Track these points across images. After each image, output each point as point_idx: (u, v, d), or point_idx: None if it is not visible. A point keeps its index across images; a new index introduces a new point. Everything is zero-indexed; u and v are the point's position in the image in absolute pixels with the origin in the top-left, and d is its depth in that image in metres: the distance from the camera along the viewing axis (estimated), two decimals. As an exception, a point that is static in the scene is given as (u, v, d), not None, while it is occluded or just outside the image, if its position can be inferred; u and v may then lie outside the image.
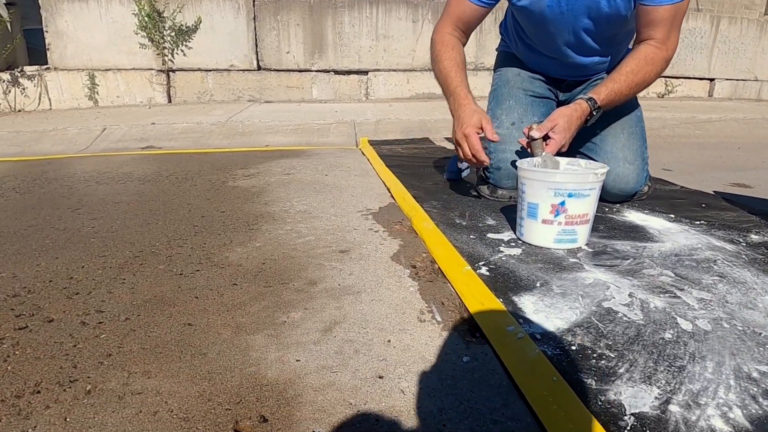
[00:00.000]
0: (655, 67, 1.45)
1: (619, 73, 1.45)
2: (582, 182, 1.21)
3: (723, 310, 0.95)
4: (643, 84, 1.46)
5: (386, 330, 0.91)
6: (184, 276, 1.14)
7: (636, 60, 1.44)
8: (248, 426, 0.65)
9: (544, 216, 1.25)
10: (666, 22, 1.41)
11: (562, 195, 1.21)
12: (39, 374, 0.78)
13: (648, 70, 1.44)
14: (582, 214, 1.24)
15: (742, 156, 3.03)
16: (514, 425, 0.66)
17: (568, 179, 1.21)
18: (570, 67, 1.71)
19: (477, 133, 1.47)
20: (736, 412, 0.67)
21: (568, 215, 1.23)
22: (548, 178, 1.23)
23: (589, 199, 1.23)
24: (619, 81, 1.44)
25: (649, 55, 1.44)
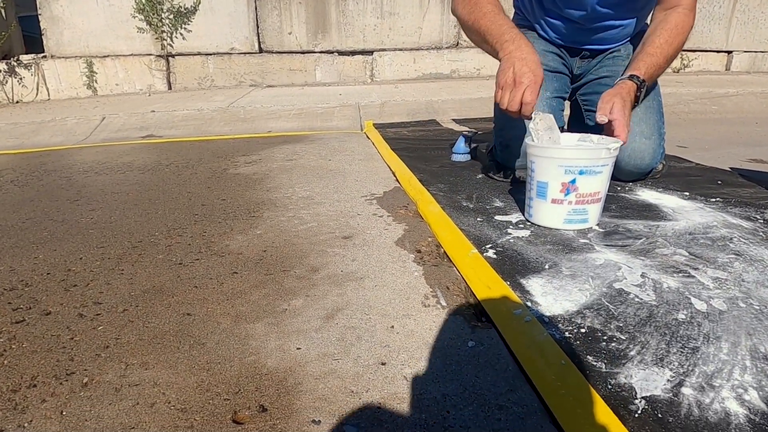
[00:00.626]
0: (684, 36, 1.40)
1: (653, 45, 1.38)
2: (594, 158, 1.15)
3: (739, 289, 0.91)
4: (676, 54, 1.41)
5: (389, 316, 0.89)
6: (183, 265, 1.12)
7: (668, 30, 1.38)
8: (247, 416, 0.63)
9: (554, 195, 1.20)
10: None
11: (573, 173, 1.16)
12: (35, 368, 0.76)
13: (680, 40, 1.39)
14: (593, 192, 1.19)
15: (760, 131, 2.96)
16: (519, 410, 0.63)
17: (580, 155, 1.16)
18: (589, 30, 1.62)
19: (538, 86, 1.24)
20: (752, 394, 0.64)
21: (579, 194, 1.18)
22: (558, 155, 1.17)
23: (601, 177, 1.18)
24: (655, 54, 1.37)
25: (680, 23, 1.39)
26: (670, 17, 1.39)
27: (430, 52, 5.26)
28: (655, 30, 1.41)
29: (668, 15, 1.40)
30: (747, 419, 0.60)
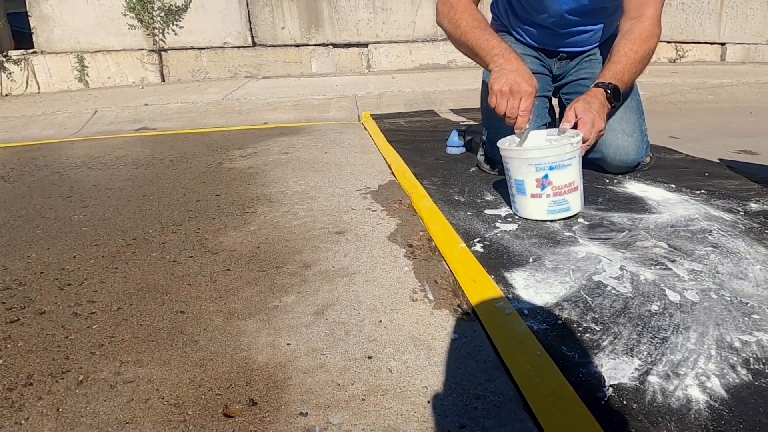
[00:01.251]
0: (650, 43, 1.43)
1: (618, 54, 1.43)
2: (560, 154, 1.22)
3: (713, 281, 0.94)
4: (644, 59, 1.43)
5: (378, 310, 0.92)
6: (177, 263, 1.15)
7: (632, 40, 1.42)
8: (237, 410, 0.66)
9: (532, 191, 1.25)
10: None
11: (544, 169, 1.22)
12: (31, 366, 0.79)
13: (646, 47, 1.43)
14: (568, 183, 1.24)
15: (753, 121, 2.98)
16: (496, 399, 0.67)
17: (547, 153, 1.22)
18: (562, 35, 1.68)
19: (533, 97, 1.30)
20: (714, 382, 0.67)
21: (554, 186, 1.24)
22: (526, 155, 1.24)
23: (571, 168, 1.24)
24: (620, 62, 1.41)
25: (643, 32, 1.42)
26: (634, 27, 1.43)
27: (426, 43, 5.27)
28: (620, 40, 1.45)
29: (633, 25, 1.43)
30: (707, 405, 0.64)
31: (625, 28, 1.47)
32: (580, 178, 1.29)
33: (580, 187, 1.29)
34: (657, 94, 3.76)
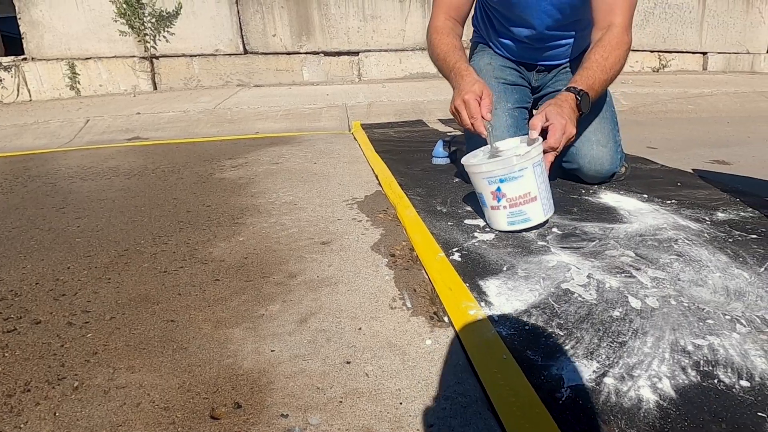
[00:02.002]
0: (620, 50, 1.45)
1: (588, 61, 1.45)
2: (507, 167, 1.23)
3: (673, 288, 1.01)
4: (616, 66, 1.46)
5: (358, 318, 0.98)
6: (168, 273, 1.20)
7: (602, 47, 1.45)
8: (223, 412, 0.71)
9: (490, 203, 1.30)
10: (622, 5, 1.45)
11: (495, 182, 1.26)
12: (28, 374, 0.84)
13: (617, 54, 1.45)
14: (523, 194, 1.26)
15: (730, 131, 3.07)
16: (463, 400, 0.72)
17: (493, 167, 1.25)
18: (539, 49, 1.76)
19: (477, 101, 1.39)
20: (665, 383, 0.73)
21: (509, 198, 1.26)
22: (477, 170, 1.28)
23: (523, 180, 1.24)
24: (591, 68, 1.44)
25: (613, 40, 1.45)
26: (604, 37, 1.46)
27: (415, 52, 5.35)
28: (591, 49, 1.48)
29: (603, 35, 1.47)
30: (656, 404, 0.69)
31: (595, 37, 1.50)
32: (543, 188, 1.28)
33: (541, 196, 1.28)
34: (639, 104, 3.85)
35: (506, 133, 1.74)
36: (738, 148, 2.56)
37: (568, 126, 1.30)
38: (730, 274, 1.07)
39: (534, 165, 1.24)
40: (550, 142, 1.28)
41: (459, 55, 1.54)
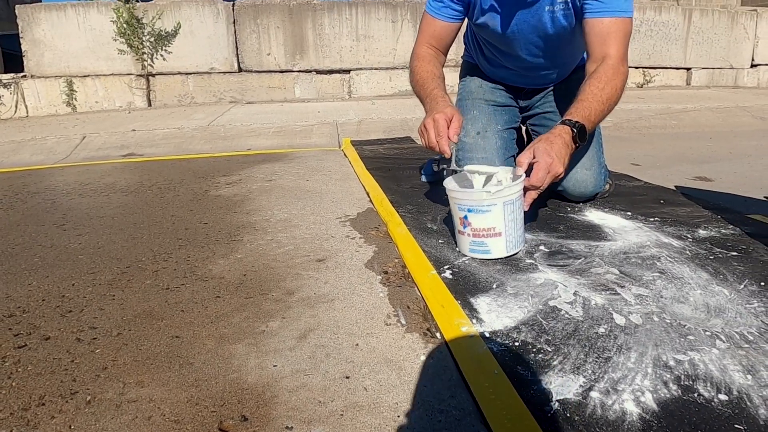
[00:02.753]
0: (616, 82, 1.44)
1: (584, 93, 1.44)
2: (477, 200, 1.27)
3: (656, 305, 1.06)
4: (613, 98, 1.44)
5: (355, 334, 1.02)
6: (170, 290, 1.24)
7: (597, 79, 1.44)
8: (231, 425, 0.75)
9: (458, 227, 1.35)
10: (616, 36, 1.46)
11: (464, 210, 1.30)
12: (42, 388, 0.87)
13: (613, 85, 1.44)
14: (487, 228, 1.28)
15: (712, 146, 3.16)
16: (457, 413, 0.77)
17: (464, 196, 1.30)
18: (527, 76, 1.82)
19: (446, 121, 1.41)
20: (647, 396, 0.78)
21: (473, 228, 1.30)
22: (451, 194, 1.33)
23: (490, 215, 1.27)
24: (586, 100, 1.42)
25: (608, 72, 1.44)
26: (599, 69, 1.45)
27: (405, 70, 5.43)
28: (586, 81, 1.47)
29: (598, 67, 1.46)
30: (639, 417, 0.74)
31: (590, 69, 1.50)
32: (512, 225, 1.29)
33: (507, 233, 1.29)
34: (623, 120, 3.95)
35: (496, 155, 1.80)
36: (720, 164, 2.65)
37: (554, 165, 1.28)
38: (710, 291, 1.12)
39: (505, 203, 1.26)
40: (532, 181, 1.27)
41: (437, 83, 1.58)
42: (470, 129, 1.84)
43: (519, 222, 1.32)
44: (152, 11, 4.84)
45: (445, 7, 1.65)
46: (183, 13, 4.92)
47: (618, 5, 1.47)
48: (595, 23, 1.48)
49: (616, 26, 1.48)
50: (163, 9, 4.86)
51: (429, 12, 1.69)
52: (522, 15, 1.57)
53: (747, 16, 6.15)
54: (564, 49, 1.71)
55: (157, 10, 4.84)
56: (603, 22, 1.48)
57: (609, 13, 1.46)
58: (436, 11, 1.67)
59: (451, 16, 1.67)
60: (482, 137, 1.81)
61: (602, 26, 1.48)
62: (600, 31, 1.48)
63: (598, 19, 1.48)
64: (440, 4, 1.65)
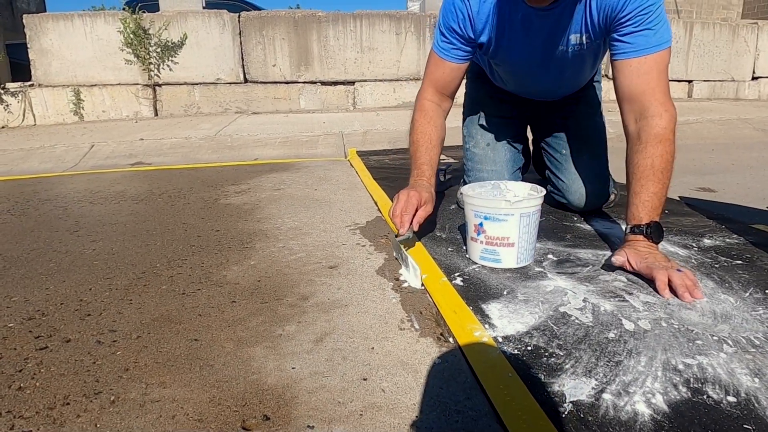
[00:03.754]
0: (666, 145, 1.27)
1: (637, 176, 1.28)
2: (495, 207, 1.30)
3: (664, 311, 1.08)
4: (669, 163, 1.29)
5: (370, 338, 1.04)
6: (186, 295, 1.26)
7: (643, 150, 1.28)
8: (254, 424, 0.77)
9: (471, 234, 1.38)
10: (652, 77, 1.28)
11: (480, 217, 1.33)
12: (66, 388, 0.89)
13: (661, 150, 1.27)
14: (502, 237, 1.31)
15: (714, 158, 3.19)
16: (473, 414, 0.79)
17: (482, 204, 1.32)
18: (537, 94, 1.82)
19: (418, 203, 1.42)
20: (658, 398, 0.80)
21: (488, 236, 1.33)
22: (469, 201, 1.35)
23: (506, 225, 1.29)
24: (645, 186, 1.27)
25: (652, 133, 1.27)
26: (642, 131, 1.29)
27: (409, 82, 5.50)
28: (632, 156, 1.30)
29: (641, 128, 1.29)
30: (651, 418, 0.76)
31: (629, 124, 1.32)
32: (526, 238, 1.31)
33: (520, 245, 1.31)
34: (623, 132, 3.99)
35: (505, 167, 1.83)
36: (722, 175, 2.68)
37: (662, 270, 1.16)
38: (716, 298, 1.14)
39: (522, 214, 1.28)
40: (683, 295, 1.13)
41: (429, 156, 1.57)
42: (480, 140, 1.86)
43: (532, 237, 1.34)
44: (159, 22, 4.90)
45: (455, 49, 1.54)
46: (189, 24, 4.99)
47: (653, 39, 1.28)
48: (625, 66, 1.31)
49: (650, 65, 1.28)
50: (170, 20, 4.92)
51: (437, 53, 1.57)
52: (540, 53, 1.52)
53: (748, 29, 6.22)
54: (581, 76, 1.70)
55: (164, 20, 4.90)
56: (633, 63, 1.30)
57: (642, 51, 1.29)
58: (446, 53, 1.55)
59: (461, 58, 1.55)
60: (492, 149, 1.83)
61: (633, 69, 1.30)
62: (632, 75, 1.30)
63: (627, 61, 1.31)
64: (450, 45, 1.53)
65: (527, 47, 1.51)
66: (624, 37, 1.31)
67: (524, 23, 1.45)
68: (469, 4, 1.45)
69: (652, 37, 1.28)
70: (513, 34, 1.48)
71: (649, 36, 1.28)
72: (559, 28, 1.44)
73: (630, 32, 1.30)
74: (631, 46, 1.30)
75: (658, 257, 1.22)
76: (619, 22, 1.31)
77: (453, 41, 1.52)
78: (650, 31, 1.28)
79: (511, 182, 1.51)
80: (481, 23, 1.48)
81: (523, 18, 1.44)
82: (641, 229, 1.26)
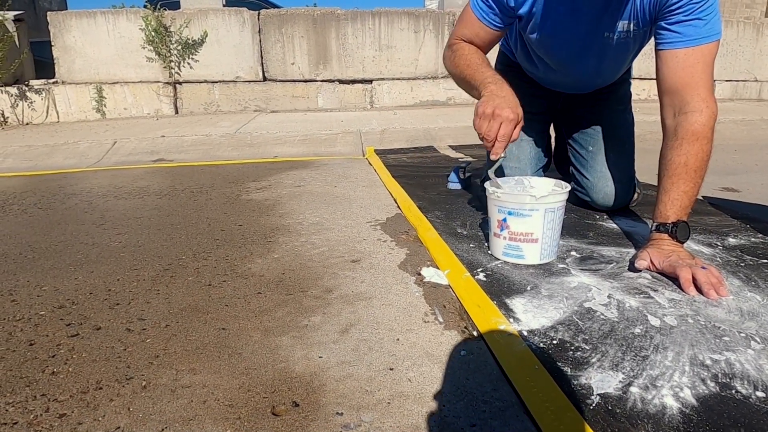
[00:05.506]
0: (703, 143, 1.24)
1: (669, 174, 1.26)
2: (519, 203, 1.28)
3: (690, 308, 1.07)
4: (704, 163, 1.26)
5: (395, 330, 1.05)
6: (212, 287, 1.28)
7: (679, 146, 1.25)
8: (283, 410, 0.79)
9: (494, 230, 1.37)
10: (697, 71, 1.23)
11: (504, 212, 1.32)
12: (98, 374, 0.91)
13: (697, 148, 1.23)
14: (525, 233, 1.30)
15: (737, 158, 3.15)
16: (500, 404, 0.79)
17: (507, 199, 1.30)
18: (571, 86, 1.76)
19: (515, 124, 1.27)
20: (686, 392, 0.80)
21: (511, 231, 1.32)
22: (492, 196, 1.34)
23: (530, 220, 1.28)
24: (677, 183, 1.25)
25: (690, 130, 1.24)
26: (679, 127, 1.26)
27: (426, 81, 5.49)
28: (666, 152, 1.28)
29: (679, 123, 1.26)
30: (679, 411, 0.76)
31: (669, 124, 1.29)
32: (550, 234, 1.31)
33: (543, 241, 1.31)
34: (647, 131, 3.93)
35: (528, 165, 1.82)
36: (746, 175, 2.64)
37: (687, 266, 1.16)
38: (743, 296, 1.13)
39: (546, 210, 1.28)
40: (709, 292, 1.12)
41: (489, 67, 1.42)
42: None
43: (556, 233, 1.34)
44: (180, 19, 4.97)
45: (493, 14, 1.45)
46: (210, 21, 5.04)
47: (702, 30, 1.23)
48: (670, 56, 1.26)
49: (696, 57, 1.23)
50: (191, 17, 4.98)
51: (474, 11, 1.47)
52: (584, 37, 1.45)
53: (772, 28, 6.11)
54: (620, 66, 1.64)
55: (185, 18, 4.97)
56: (679, 54, 1.24)
57: (690, 42, 1.24)
58: (483, 14, 1.45)
59: (496, 25, 1.47)
60: (517, 145, 1.82)
61: (679, 60, 1.25)
62: (676, 67, 1.25)
63: (673, 52, 1.26)
64: (488, 9, 1.44)
65: (571, 29, 1.43)
66: (672, 26, 1.25)
67: (572, 2, 1.37)
68: None
69: (702, 28, 1.22)
70: (558, 12, 1.40)
71: (699, 26, 1.22)
72: (608, 13, 1.36)
73: (679, 21, 1.24)
74: (679, 36, 1.25)
75: (682, 255, 1.21)
76: (668, 10, 1.25)
77: (491, 5, 1.43)
78: (701, 21, 1.22)
79: (534, 178, 1.51)
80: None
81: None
82: (667, 228, 1.25)
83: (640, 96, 5.98)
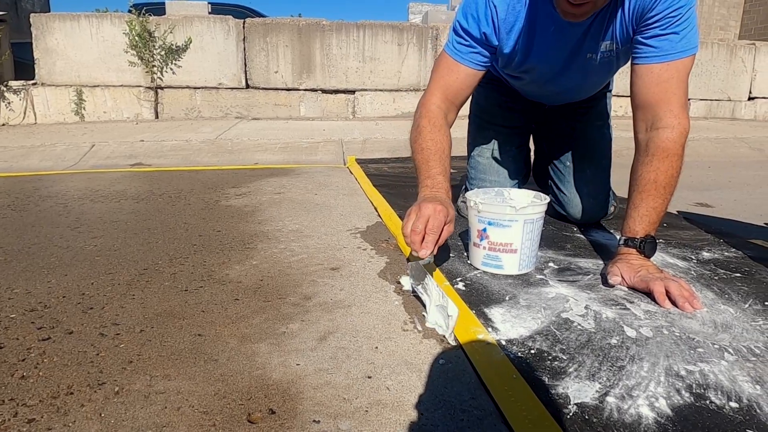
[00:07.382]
0: (673, 160, 1.25)
1: (639, 190, 1.27)
2: (500, 213, 1.30)
3: (665, 320, 1.09)
4: (673, 179, 1.26)
5: (374, 338, 1.04)
6: (189, 292, 1.26)
7: (649, 162, 1.26)
8: (259, 417, 0.77)
9: (474, 239, 1.38)
10: (671, 85, 1.24)
11: (484, 222, 1.33)
12: (69, 378, 0.89)
13: (667, 165, 1.24)
14: (504, 243, 1.31)
15: (711, 175, 3.23)
16: (479, 413, 0.79)
17: (487, 209, 1.32)
18: (552, 98, 1.77)
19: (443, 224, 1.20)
20: (661, 402, 0.81)
21: (491, 241, 1.33)
22: (473, 206, 1.35)
23: (510, 231, 1.29)
24: (643, 203, 1.27)
25: (660, 147, 1.24)
26: (650, 141, 1.26)
27: (409, 93, 5.54)
28: (637, 166, 1.29)
29: (650, 138, 1.27)
30: (654, 420, 0.77)
31: (640, 139, 1.29)
32: (528, 245, 1.32)
33: (522, 251, 1.32)
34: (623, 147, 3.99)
35: (507, 179, 1.84)
36: (719, 191, 2.71)
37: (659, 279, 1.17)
38: (717, 309, 1.16)
39: (526, 221, 1.29)
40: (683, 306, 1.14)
41: (444, 167, 1.37)
42: (485, 149, 1.87)
43: (535, 244, 1.36)
44: (164, 25, 4.93)
45: (473, 53, 1.40)
46: (194, 28, 5.01)
47: (678, 45, 1.23)
48: (645, 71, 1.26)
49: (670, 72, 1.24)
50: (175, 23, 4.95)
51: (451, 54, 1.42)
52: (568, 61, 1.46)
53: (745, 50, 6.31)
54: (604, 80, 1.67)
55: (170, 24, 4.93)
56: (654, 69, 1.25)
57: (665, 57, 1.24)
58: (462, 56, 1.41)
59: (479, 63, 1.42)
60: (497, 159, 1.84)
61: (653, 75, 1.25)
62: (650, 82, 1.26)
63: (648, 66, 1.26)
64: (467, 48, 1.40)
65: (555, 57, 1.44)
66: (649, 40, 1.25)
67: (556, 35, 1.37)
68: (495, 9, 1.34)
69: (678, 42, 1.22)
70: (542, 46, 1.40)
71: (675, 41, 1.22)
72: (591, 36, 1.36)
73: (656, 35, 1.24)
74: (654, 51, 1.25)
75: (650, 269, 1.23)
76: (646, 23, 1.24)
77: (472, 44, 1.39)
78: (676, 35, 1.22)
79: (514, 190, 1.53)
80: (506, 31, 1.37)
81: (556, 30, 1.35)
82: (635, 243, 1.27)
83: (618, 113, 6.10)
